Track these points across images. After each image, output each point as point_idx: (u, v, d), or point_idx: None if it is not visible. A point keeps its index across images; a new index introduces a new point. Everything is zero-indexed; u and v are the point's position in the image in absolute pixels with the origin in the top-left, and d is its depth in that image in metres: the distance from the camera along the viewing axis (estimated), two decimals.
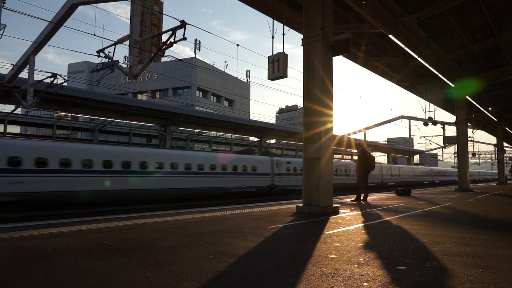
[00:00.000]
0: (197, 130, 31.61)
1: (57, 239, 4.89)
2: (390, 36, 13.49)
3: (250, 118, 42.05)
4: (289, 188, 25.43)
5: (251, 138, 39.86)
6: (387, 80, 20.24)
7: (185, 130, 33.87)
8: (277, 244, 4.60)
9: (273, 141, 42.08)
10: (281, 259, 3.81)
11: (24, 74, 16.24)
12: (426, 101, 23.02)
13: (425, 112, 23.02)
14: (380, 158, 58.32)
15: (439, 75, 19.39)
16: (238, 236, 5.12)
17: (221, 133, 36.52)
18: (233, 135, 38.07)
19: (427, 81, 20.50)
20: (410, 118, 46.98)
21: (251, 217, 7.34)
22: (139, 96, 59.40)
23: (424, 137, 52.48)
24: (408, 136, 67.89)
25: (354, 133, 41.20)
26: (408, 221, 6.87)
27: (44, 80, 15.80)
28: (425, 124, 23.15)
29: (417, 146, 74.95)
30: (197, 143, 38.99)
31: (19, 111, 22.65)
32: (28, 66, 15.19)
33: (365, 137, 41.48)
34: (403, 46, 14.70)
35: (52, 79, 15.38)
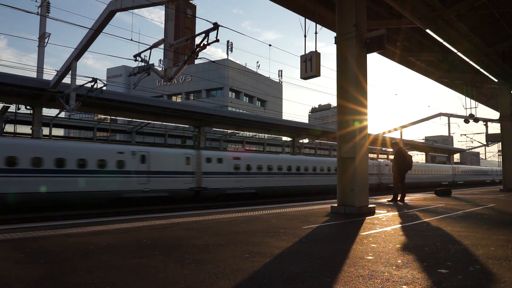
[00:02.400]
0: (230, 131, 31.92)
1: (99, 236, 5.10)
2: (428, 31, 13.00)
3: (283, 118, 41.93)
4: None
5: (284, 138, 39.71)
6: (424, 77, 19.56)
7: (218, 131, 34.31)
8: (312, 245, 4.57)
9: (306, 140, 41.73)
10: (316, 259, 3.78)
11: (66, 80, 17.09)
12: (467, 98, 22.03)
13: (466, 109, 22.05)
14: (418, 157, 56.39)
15: (481, 70, 18.48)
16: (272, 236, 5.13)
17: (254, 133, 36.66)
18: (266, 135, 38.11)
19: (468, 77, 19.60)
20: (449, 116, 45.05)
21: (285, 217, 7.33)
22: (174, 98, 60.85)
23: (465, 135, 50.16)
24: (447, 134, 65.21)
25: (390, 131, 40.09)
26: (449, 223, 6.60)
27: (85, 85, 16.54)
28: (466, 121, 22.15)
29: (457, 144, 71.78)
30: (230, 143, 39.37)
31: (62, 114, 23.83)
32: (70, 72, 15.95)
33: (401, 136, 40.26)
34: (441, 41, 14.14)
35: (92, 83, 16.08)
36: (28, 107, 19.77)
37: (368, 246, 4.50)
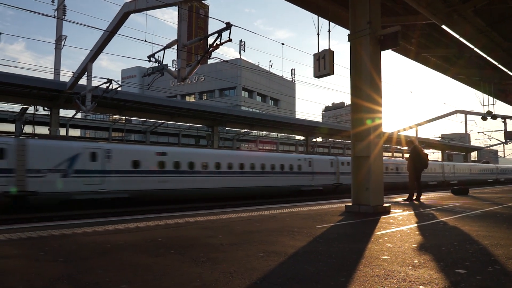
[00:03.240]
0: (243, 130, 32.00)
1: (116, 235, 5.19)
2: (443, 26, 12.77)
3: (296, 117, 41.82)
4: None
5: (297, 137, 39.59)
6: (440, 74, 19.21)
7: (231, 130, 34.42)
8: (327, 244, 4.55)
9: (319, 139, 41.52)
10: (331, 259, 3.76)
11: (82, 81, 17.40)
12: (484, 94, 21.56)
13: (483, 105, 21.61)
14: (434, 155, 55.50)
15: (499, 66, 18.05)
16: (286, 235, 5.12)
17: (267, 132, 36.64)
18: (279, 134, 38.08)
19: (486, 73, 19.17)
20: (466, 113, 44.24)
21: (299, 217, 7.31)
22: (187, 98, 61.30)
23: (483, 132, 49.05)
24: (464, 132, 64.00)
25: (405, 129, 39.57)
26: (467, 222, 6.48)
27: (100, 86, 16.81)
28: (484, 118, 21.70)
29: (474, 142, 70.36)
30: (244, 142, 39.45)
31: (78, 115, 24.27)
32: (86, 73, 16.23)
33: (416, 134, 39.69)
34: (458, 36, 13.86)
35: (107, 84, 16.32)
36: (45, 108, 20.21)
37: (384, 245, 4.46)
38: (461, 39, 14.19)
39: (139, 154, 16.49)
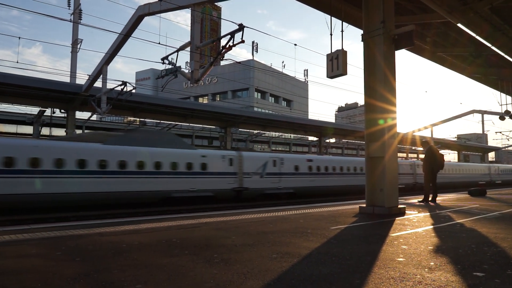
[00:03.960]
0: (256, 131, 32.03)
1: (131, 236, 5.25)
2: (459, 25, 12.56)
3: (309, 118, 41.66)
4: None
5: (310, 138, 39.44)
6: (456, 73, 18.87)
7: (244, 131, 34.48)
8: (341, 246, 4.52)
9: (332, 140, 41.27)
10: (345, 260, 3.73)
11: (98, 83, 17.68)
12: (502, 93, 21.09)
13: (501, 105, 21.13)
14: (450, 156, 54.53)
15: None
16: (300, 237, 5.11)
17: (280, 133, 36.61)
18: (292, 135, 37.98)
19: (504, 73, 18.75)
20: (483, 112, 43.40)
21: (313, 218, 7.27)
22: (200, 100, 61.68)
23: (501, 132, 48.00)
24: (481, 132, 62.72)
25: (420, 130, 39.01)
26: (484, 224, 6.35)
27: (115, 88, 17.06)
28: (502, 118, 21.24)
29: (492, 142, 68.79)
30: (256, 143, 39.49)
31: (94, 117, 24.68)
32: (101, 76, 16.49)
33: (431, 134, 39.10)
34: (474, 35, 13.61)
35: (122, 86, 16.55)
36: (62, 110, 20.61)
37: (399, 247, 4.41)
38: (478, 37, 13.92)
39: (298, 161, 22.30)
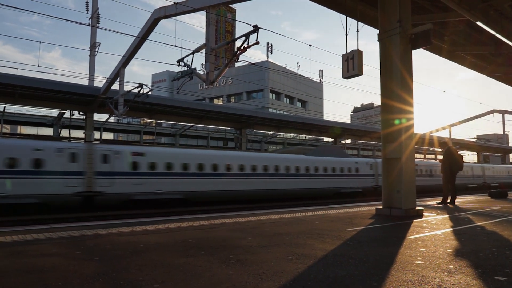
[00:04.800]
0: (271, 132, 32.01)
1: (148, 236, 5.32)
2: (478, 23, 12.29)
3: (324, 119, 41.40)
4: None
5: (325, 139, 39.18)
6: (476, 72, 18.46)
7: (259, 133, 34.50)
8: (357, 248, 4.47)
9: (348, 141, 40.88)
10: (362, 263, 3.69)
11: (115, 86, 17.98)
12: None
13: None
14: (469, 157, 53.34)
15: None
16: (316, 238, 5.08)
17: (295, 135, 36.47)
18: (307, 136, 37.80)
19: None
20: (504, 112, 42.34)
21: (328, 219, 7.23)
22: (215, 101, 61.99)
23: None
24: (501, 133, 61.20)
25: (437, 130, 38.32)
26: (506, 227, 6.19)
27: (132, 90, 17.31)
28: None
29: None
30: (271, 145, 39.44)
31: (111, 119, 25.10)
32: (118, 78, 16.76)
33: (450, 135, 38.35)
34: (494, 33, 13.29)
35: (138, 89, 16.78)
36: (81, 112, 21.03)
37: (417, 250, 4.34)
38: (498, 35, 13.60)
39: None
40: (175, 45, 12.75)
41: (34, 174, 13.91)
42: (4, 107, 20.96)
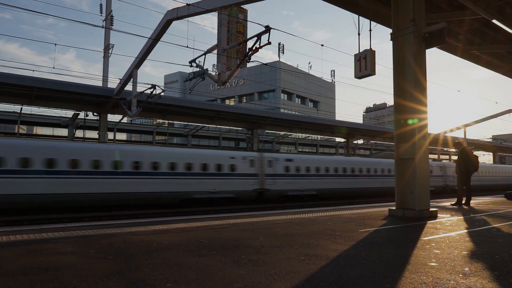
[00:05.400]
0: (282, 132, 31.96)
1: (161, 235, 5.37)
2: (494, 21, 12.06)
3: (336, 119, 41.14)
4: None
5: (337, 139, 38.95)
6: (491, 71, 18.11)
7: (271, 133, 34.48)
8: (370, 249, 4.44)
9: (360, 141, 40.55)
10: (375, 264, 3.66)
11: (128, 87, 18.20)
12: None
13: None
14: (484, 157, 52.37)
15: None
16: (328, 239, 5.06)
17: (307, 135, 36.35)
18: (319, 136, 37.63)
19: None
20: None
21: (341, 220, 7.18)
22: (227, 102, 62.17)
23: None
24: None
25: (452, 130, 37.68)
26: None
27: (144, 91, 17.50)
28: None
29: None
30: (283, 145, 39.37)
31: (124, 120, 25.40)
32: (131, 79, 16.96)
33: (465, 135, 37.69)
34: (511, 31, 13.03)
35: (151, 90, 16.95)
36: (95, 113, 21.34)
37: (431, 251, 4.28)
38: None
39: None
40: (187, 46, 12.84)
41: (231, 176, 18.44)
42: (21, 108, 21.41)
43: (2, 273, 3.30)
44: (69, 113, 22.88)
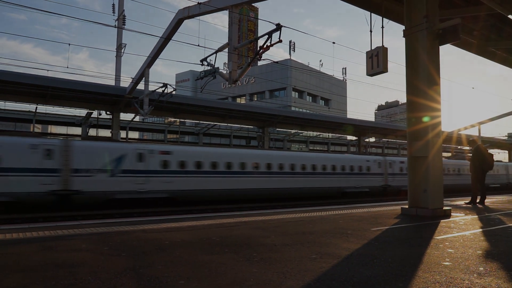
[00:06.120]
0: (293, 131, 31.87)
1: (173, 233, 5.42)
2: (510, 16, 11.81)
3: (348, 117, 40.85)
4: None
5: (349, 137, 38.66)
6: (506, 68, 17.74)
7: (282, 131, 34.41)
8: (382, 248, 4.40)
9: (372, 139, 40.18)
10: (387, 263, 3.63)
11: (140, 86, 18.36)
12: None
13: None
14: (500, 156, 51.37)
15: None
16: (340, 237, 5.04)
17: (318, 133, 36.19)
18: (330, 134, 37.41)
19: None
20: None
21: (352, 218, 7.14)
22: (238, 100, 62.26)
23: None
24: None
25: (466, 128, 37.06)
26: None
27: (156, 90, 17.64)
28: None
29: None
30: (294, 143, 39.27)
31: (137, 118, 25.65)
32: (143, 78, 17.11)
33: (479, 133, 37.04)
34: None
35: (163, 88, 17.08)
36: (108, 112, 21.60)
37: (445, 251, 4.23)
38: None
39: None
40: (198, 45, 12.91)
41: (367, 175, 23.11)
42: (36, 107, 21.80)
43: (19, 269, 3.37)
44: (82, 112, 23.23)
